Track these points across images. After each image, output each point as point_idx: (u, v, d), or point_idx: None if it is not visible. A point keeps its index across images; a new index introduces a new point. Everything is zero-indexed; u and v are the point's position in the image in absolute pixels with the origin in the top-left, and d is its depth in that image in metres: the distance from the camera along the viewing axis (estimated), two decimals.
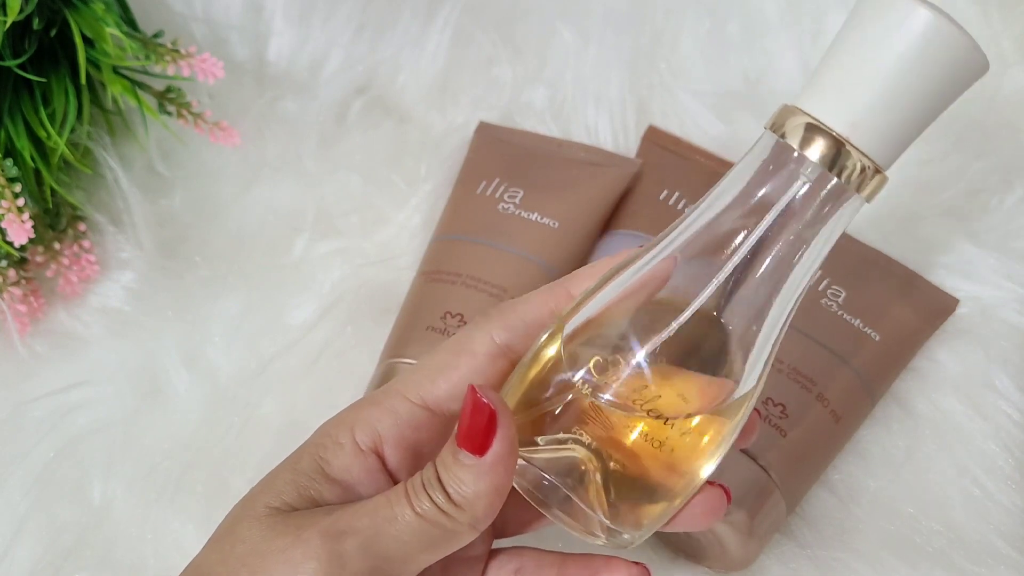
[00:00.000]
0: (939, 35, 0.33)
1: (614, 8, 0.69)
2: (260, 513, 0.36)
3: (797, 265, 0.37)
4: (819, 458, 0.53)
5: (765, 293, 0.37)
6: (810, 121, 0.35)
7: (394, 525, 0.35)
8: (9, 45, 0.54)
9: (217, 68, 0.57)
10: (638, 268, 0.37)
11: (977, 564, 0.52)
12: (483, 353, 0.39)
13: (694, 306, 0.36)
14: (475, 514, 0.36)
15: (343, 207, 0.63)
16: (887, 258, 0.59)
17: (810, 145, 0.35)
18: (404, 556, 0.36)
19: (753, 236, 0.36)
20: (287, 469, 0.38)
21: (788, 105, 0.36)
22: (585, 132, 0.66)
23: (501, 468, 0.36)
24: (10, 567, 0.51)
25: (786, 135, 0.36)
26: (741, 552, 0.49)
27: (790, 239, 0.36)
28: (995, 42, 0.67)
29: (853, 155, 0.35)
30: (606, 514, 0.37)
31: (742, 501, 0.48)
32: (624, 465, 0.37)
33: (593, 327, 0.37)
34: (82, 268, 0.58)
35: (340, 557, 0.35)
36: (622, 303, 0.37)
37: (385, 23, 0.69)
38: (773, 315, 0.37)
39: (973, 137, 0.64)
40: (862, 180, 0.36)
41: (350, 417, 0.39)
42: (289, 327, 0.58)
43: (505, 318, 0.39)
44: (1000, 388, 0.56)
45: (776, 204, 0.36)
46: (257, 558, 0.35)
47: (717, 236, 0.36)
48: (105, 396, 0.56)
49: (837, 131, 0.35)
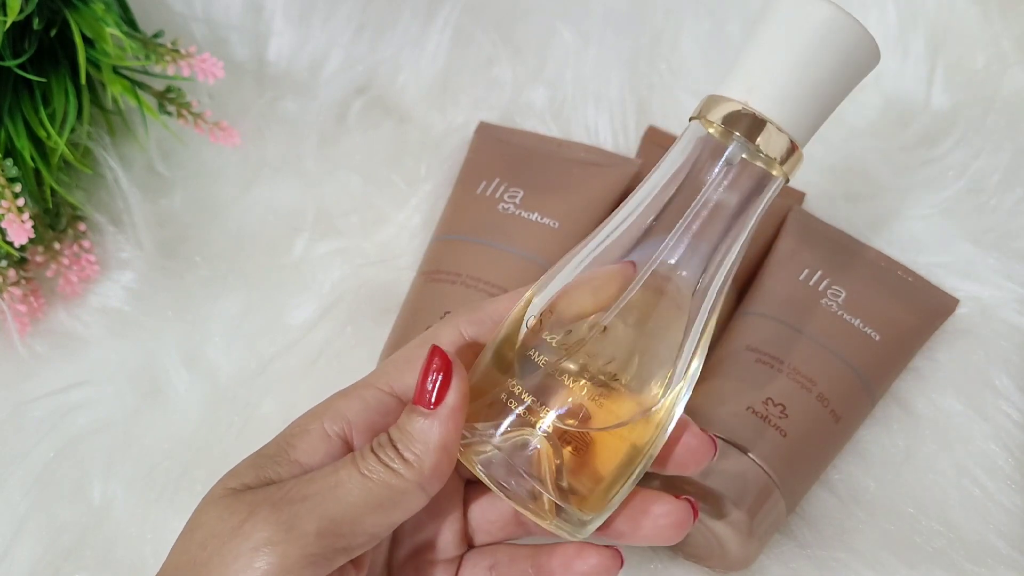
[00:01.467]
0: (839, 26, 0.38)
1: (614, 8, 0.69)
2: (217, 496, 0.37)
3: (728, 245, 0.39)
4: (819, 458, 0.53)
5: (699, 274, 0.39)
6: (732, 107, 0.38)
7: (340, 488, 0.36)
8: (9, 45, 0.54)
9: (217, 68, 0.57)
10: (584, 257, 0.40)
11: (977, 564, 0.52)
12: (449, 345, 0.40)
13: (631, 291, 0.39)
14: (422, 470, 0.37)
15: (343, 207, 0.63)
16: (887, 258, 0.59)
17: (733, 129, 0.38)
18: (353, 517, 0.36)
19: (685, 220, 0.39)
20: (252, 456, 0.39)
21: (712, 95, 0.39)
22: (585, 132, 0.66)
23: (451, 422, 0.37)
24: (10, 567, 0.51)
25: (710, 122, 0.39)
26: (741, 552, 0.49)
27: (719, 220, 0.39)
28: (995, 42, 0.67)
29: (772, 136, 0.38)
30: (558, 496, 0.38)
31: (742, 501, 0.48)
32: (577, 449, 0.38)
33: (549, 313, 0.39)
34: (82, 268, 0.58)
35: (288, 521, 0.35)
36: (574, 294, 0.39)
37: (385, 23, 0.69)
38: (708, 299, 0.39)
39: (973, 137, 0.64)
40: (782, 157, 0.39)
41: (320, 408, 0.40)
42: (289, 327, 0.58)
43: (473, 314, 0.41)
44: (1000, 388, 0.57)
45: (704, 187, 0.39)
46: (215, 539, 0.36)
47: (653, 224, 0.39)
48: (105, 396, 0.56)
49: (758, 113, 0.38)
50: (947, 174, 0.64)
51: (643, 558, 0.52)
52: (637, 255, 0.39)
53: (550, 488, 0.38)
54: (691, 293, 0.39)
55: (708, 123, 0.39)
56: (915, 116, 0.66)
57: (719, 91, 0.39)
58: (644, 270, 0.39)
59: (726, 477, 0.48)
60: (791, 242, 0.58)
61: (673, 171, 0.39)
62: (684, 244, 0.39)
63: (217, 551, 0.35)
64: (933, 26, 0.68)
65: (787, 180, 0.40)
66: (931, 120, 0.66)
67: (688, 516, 0.40)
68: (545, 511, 0.38)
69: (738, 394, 0.51)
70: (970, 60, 0.68)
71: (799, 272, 0.57)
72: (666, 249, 0.39)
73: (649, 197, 0.40)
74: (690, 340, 0.39)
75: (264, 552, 0.35)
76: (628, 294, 0.39)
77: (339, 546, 0.36)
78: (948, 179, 0.63)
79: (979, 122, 0.65)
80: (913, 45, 0.67)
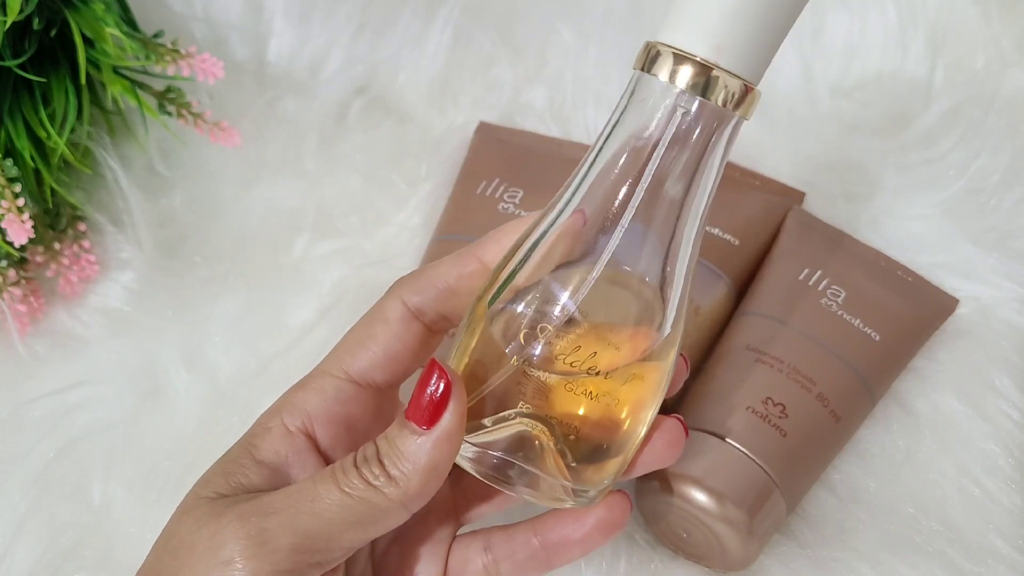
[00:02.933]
0: None
1: (614, 8, 0.69)
2: (190, 505, 0.37)
3: (694, 196, 0.38)
4: (819, 458, 0.53)
5: (668, 231, 0.38)
6: (676, 52, 0.36)
7: (316, 503, 0.35)
8: (9, 45, 0.54)
9: (217, 68, 0.57)
10: (546, 230, 0.38)
11: (977, 564, 0.52)
12: (396, 319, 0.39)
13: (604, 258, 0.37)
14: (408, 490, 0.36)
15: (343, 207, 0.63)
16: (887, 258, 0.59)
17: (679, 75, 0.36)
18: (329, 534, 0.35)
19: (646, 176, 0.37)
20: (219, 461, 0.38)
21: (651, 42, 0.37)
22: (585, 132, 0.66)
23: (445, 445, 0.36)
24: (10, 567, 0.51)
25: (656, 71, 0.37)
26: (741, 552, 0.49)
27: (680, 171, 0.37)
28: (995, 42, 0.67)
29: (722, 77, 0.36)
30: (568, 478, 0.38)
31: (742, 501, 0.48)
32: (575, 427, 0.37)
33: (515, 297, 0.38)
34: (82, 268, 0.58)
35: (261, 535, 0.35)
36: (539, 268, 0.38)
37: (385, 23, 0.69)
38: (681, 253, 0.38)
39: (973, 137, 0.64)
40: (737, 99, 0.37)
41: (279, 404, 0.39)
42: (289, 327, 0.58)
43: (414, 283, 0.40)
44: (1000, 388, 0.57)
45: (661, 140, 0.37)
46: (186, 549, 0.35)
47: (613, 183, 0.37)
48: (105, 396, 0.56)
49: (702, 56, 0.36)
50: (947, 174, 0.64)
51: (643, 558, 0.52)
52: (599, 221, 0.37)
53: (559, 474, 0.37)
54: (658, 254, 0.38)
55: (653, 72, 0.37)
56: (915, 116, 0.66)
57: (658, 37, 0.37)
58: (612, 239, 0.37)
59: (726, 477, 0.48)
60: (791, 242, 0.58)
61: (626, 126, 0.38)
62: (647, 205, 0.37)
63: (187, 562, 0.35)
64: (933, 26, 0.68)
65: (745, 119, 0.38)
66: (931, 120, 0.66)
67: (680, 433, 0.40)
68: (559, 495, 0.38)
69: (738, 394, 0.51)
70: (970, 60, 0.68)
71: (799, 272, 0.57)
72: (629, 215, 0.37)
73: (605, 158, 0.38)
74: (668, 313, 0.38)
75: (236, 566, 0.34)
76: (598, 266, 0.37)
77: (313, 561, 0.35)
78: (948, 179, 0.63)
79: (979, 122, 0.65)
80: (913, 45, 0.67)
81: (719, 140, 0.38)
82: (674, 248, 0.38)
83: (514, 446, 0.37)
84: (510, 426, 0.37)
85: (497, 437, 0.37)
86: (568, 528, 0.40)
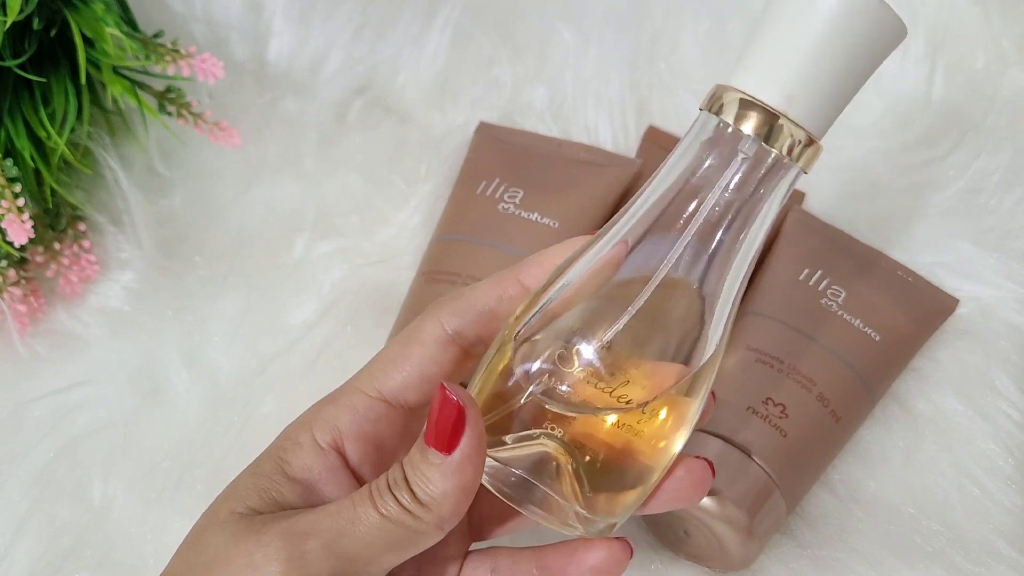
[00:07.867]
0: (858, 5, 0.35)
1: (614, 8, 0.69)
2: (224, 519, 0.36)
3: (744, 239, 0.37)
4: (819, 458, 0.53)
5: (717, 271, 0.37)
6: (743, 97, 0.36)
7: (358, 526, 0.35)
8: (9, 45, 0.54)
9: (217, 68, 0.57)
10: (591, 258, 0.38)
11: (977, 564, 0.52)
12: (432, 341, 0.39)
13: (648, 290, 0.37)
14: (441, 514, 0.35)
15: (343, 207, 0.63)
16: (887, 258, 0.59)
17: (745, 120, 0.36)
18: (368, 557, 0.35)
19: (700, 214, 0.37)
20: (249, 474, 0.38)
21: (722, 84, 0.37)
22: (585, 132, 0.66)
23: (469, 467, 0.35)
24: (10, 567, 0.51)
25: (723, 113, 0.36)
26: (741, 552, 0.49)
27: (735, 214, 0.37)
28: (995, 42, 0.67)
29: (787, 127, 0.36)
30: (582, 504, 0.37)
31: (742, 501, 0.48)
32: (596, 454, 0.37)
33: (551, 319, 0.38)
34: (82, 268, 0.58)
35: (302, 557, 0.34)
36: (578, 292, 0.38)
37: (385, 23, 0.69)
38: (725, 292, 0.38)
39: (973, 137, 0.64)
40: (799, 151, 0.36)
41: (308, 417, 0.39)
42: (289, 327, 0.58)
43: (454, 305, 0.39)
44: (1000, 388, 0.57)
45: (719, 181, 0.37)
46: (221, 564, 0.35)
47: (665, 218, 0.37)
48: (105, 396, 0.56)
49: (771, 105, 0.36)
50: (947, 174, 0.64)
51: (643, 558, 0.52)
52: (645, 253, 0.37)
53: (574, 499, 0.37)
54: (700, 293, 0.37)
55: (719, 115, 0.37)
56: (915, 116, 0.66)
57: (730, 81, 0.37)
58: (656, 274, 0.37)
59: (726, 477, 0.48)
60: (791, 242, 0.58)
61: (684, 164, 0.37)
62: (695, 246, 0.37)
63: (224, 575, 0.35)
64: (933, 26, 0.68)
65: (805, 171, 0.37)
66: (931, 120, 0.66)
67: (707, 474, 0.39)
68: (570, 520, 0.37)
69: (738, 394, 0.51)
70: (970, 60, 0.68)
71: (799, 272, 0.57)
72: (677, 251, 0.37)
73: (658, 193, 0.37)
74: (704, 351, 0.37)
75: None
76: (639, 300, 0.37)
77: None
78: (948, 179, 0.63)
79: (979, 122, 0.65)
80: (913, 45, 0.67)
81: (776, 190, 0.37)
82: (721, 287, 0.37)
83: (533, 466, 0.37)
84: (532, 445, 0.37)
85: (518, 455, 0.37)
86: (569, 567, 0.39)
